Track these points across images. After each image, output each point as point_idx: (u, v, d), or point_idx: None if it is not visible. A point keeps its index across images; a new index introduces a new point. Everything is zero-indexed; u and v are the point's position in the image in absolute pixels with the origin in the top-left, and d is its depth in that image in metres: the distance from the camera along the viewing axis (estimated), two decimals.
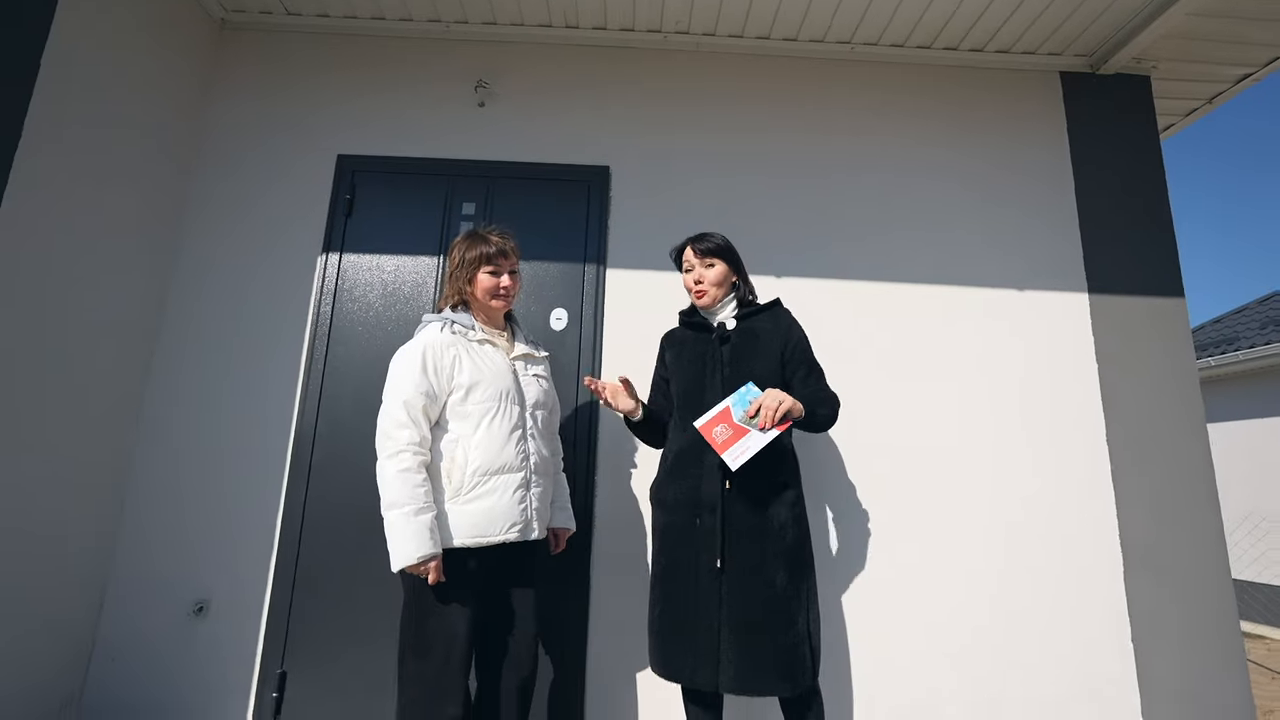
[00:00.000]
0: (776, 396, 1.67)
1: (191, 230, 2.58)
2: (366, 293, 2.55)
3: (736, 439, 1.66)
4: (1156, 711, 2.29)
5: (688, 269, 1.97)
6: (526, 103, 2.75)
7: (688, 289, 1.98)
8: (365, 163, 2.67)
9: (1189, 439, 2.51)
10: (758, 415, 1.66)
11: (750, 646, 1.65)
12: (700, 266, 1.94)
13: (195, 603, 2.28)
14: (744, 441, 1.66)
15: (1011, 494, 2.45)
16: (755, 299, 2.01)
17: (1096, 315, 2.62)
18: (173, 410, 2.42)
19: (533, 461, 1.75)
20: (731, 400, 1.71)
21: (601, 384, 1.89)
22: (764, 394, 1.69)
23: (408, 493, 1.60)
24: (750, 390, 1.72)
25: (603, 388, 1.89)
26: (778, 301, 2.01)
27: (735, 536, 1.72)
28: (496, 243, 1.83)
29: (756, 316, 1.94)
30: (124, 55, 2.27)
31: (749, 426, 1.67)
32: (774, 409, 1.65)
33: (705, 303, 1.95)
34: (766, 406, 1.65)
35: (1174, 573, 2.40)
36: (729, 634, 1.67)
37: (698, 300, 1.96)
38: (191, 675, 2.24)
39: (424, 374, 1.69)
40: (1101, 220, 2.71)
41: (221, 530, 2.34)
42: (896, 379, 2.54)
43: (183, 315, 2.51)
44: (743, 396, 1.71)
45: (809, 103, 2.80)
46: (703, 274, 1.93)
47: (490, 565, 1.68)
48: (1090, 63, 2.85)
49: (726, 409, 1.70)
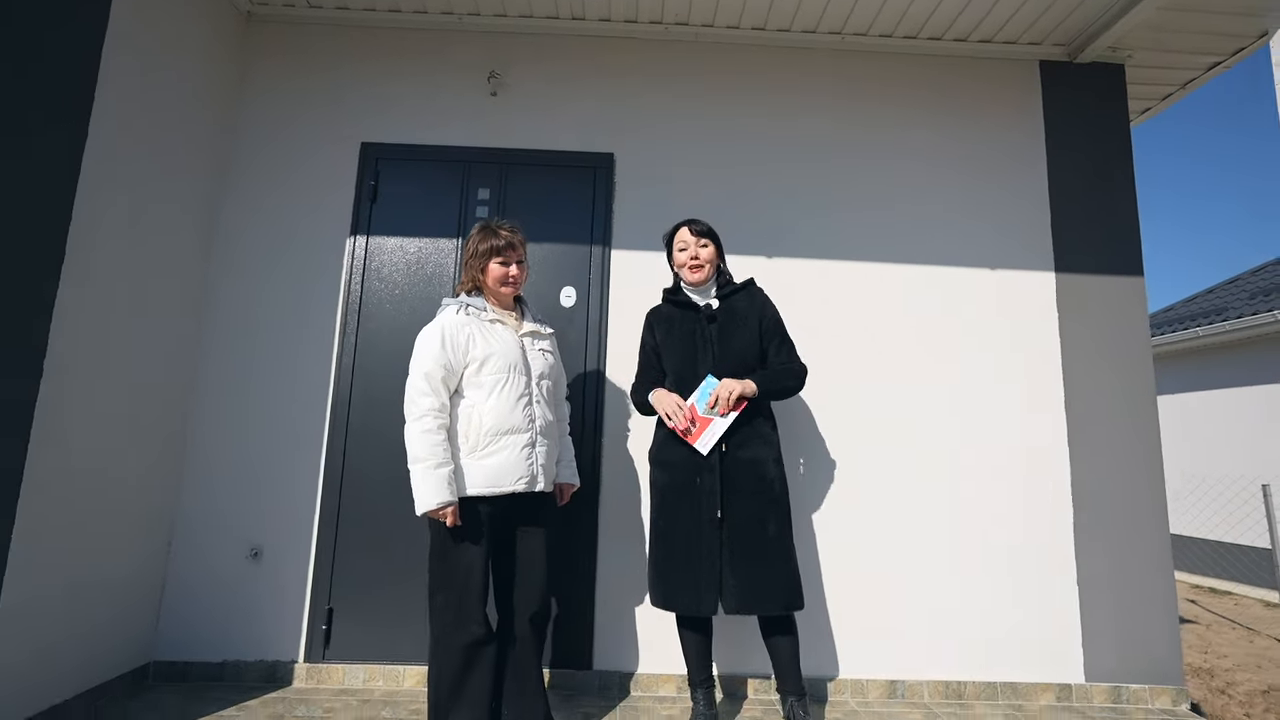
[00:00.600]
0: (728, 386, 2.04)
1: (229, 215, 2.81)
2: (392, 273, 2.79)
3: (704, 429, 2.05)
4: (1094, 643, 2.60)
5: (682, 248, 2.22)
6: (536, 92, 2.94)
7: (680, 266, 2.23)
8: (387, 150, 2.87)
9: (1139, 406, 2.76)
10: (715, 404, 2.02)
11: (752, 578, 2.00)
12: (695, 245, 2.19)
13: (251, 548, 2.60)
14: (710, 429, 2.04)
15: (975, 452, 2.72)
16: (731, 278, 2.28)
17: (1062, 292, 2.84)
18: (222, 381, 2.69)
19: (538, 424, 2.02)
20: (694, 398, 2.07)
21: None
22: (718, 385, 2.03)
23: (429, 450, 1.87)
24: (709, 383, 2.06)
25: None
26: (751, 281, 2.28)
27: (731, 492, 2.05)
28: (506, 236, 2.06)
29: (735, 295, 2.22)
30: (164, 44, 2.46)
31: (712, 416, 2.04)
32: (727, 398, 2.02)
33: (700, 278, 2.19)
34: (720, 397, 2.02)
35: (1117, 523, 2.68)
36: (731, 570, 2.01)
37: (693, 275, 2.20)
38: (250, 612, 2.56)
39: (442, 350, 1.95)
40: (1071, 204, 2.91)
41: (270, 485, 2.64)
42: (876, 349, 2.79)
43: (226, 294, 2.75)
44: (704, 392, 2.06)
45: (802, 91, 2.98)
46: (698, 252, 2.19)
47: (502, 512, 1.96)
48: (1068, 52, 3.00)
49: (692, 406, 2.06)
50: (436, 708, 1.87)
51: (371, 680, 2.52)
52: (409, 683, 2.52)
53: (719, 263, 2.24)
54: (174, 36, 2.51)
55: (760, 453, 2.09)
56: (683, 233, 2.23)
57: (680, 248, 2.23)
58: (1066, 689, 2.57)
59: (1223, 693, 4.05)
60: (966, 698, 2.56)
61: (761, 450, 2.09)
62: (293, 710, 2.28)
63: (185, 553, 2.59)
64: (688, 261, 2.20)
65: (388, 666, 2.53)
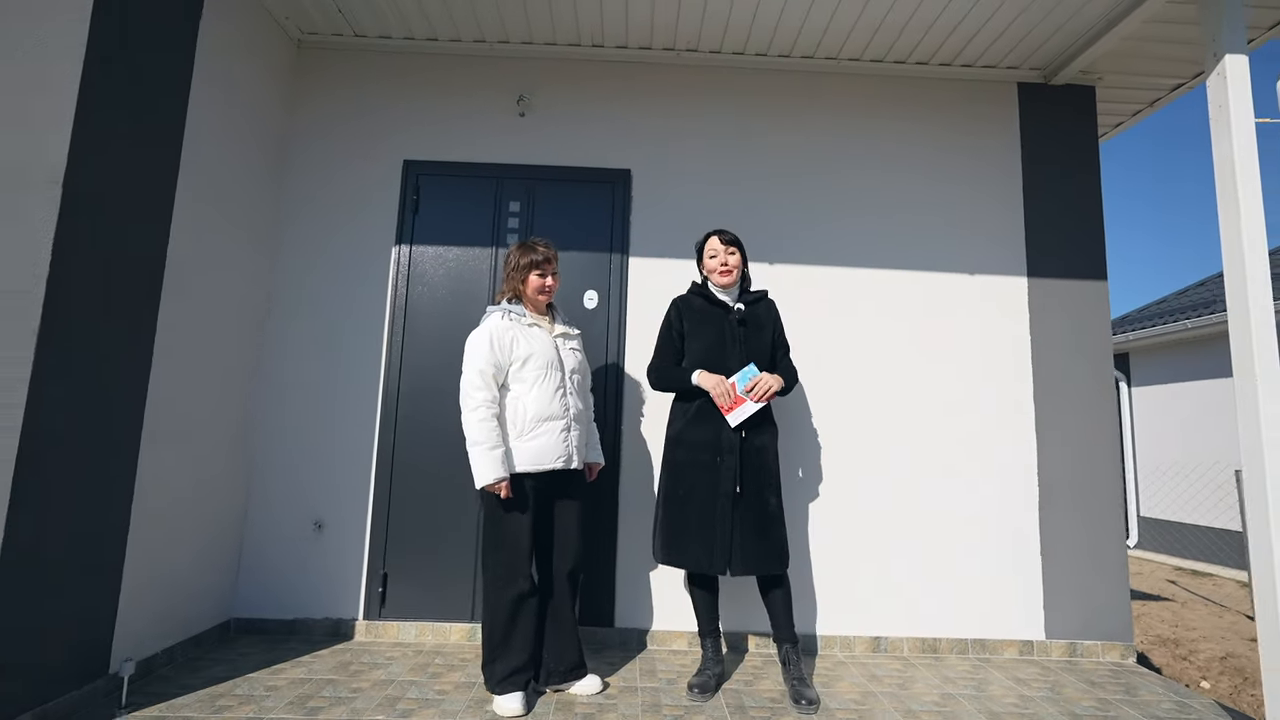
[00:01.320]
0: (769, 380, 2.40)
1: (287, 227, 3.14)
2: (433, 278, 3.13)
3: (737, 405, 2.40)
4: (1054, 606, 2.96)
5: (713, 255, 2.56)
6: (560, 113, 3.25)
7: (711, 271, 2.56)
8: (427, 166, 3.20)
9: (1100, 396, 3.10)
10: (752, 389, 2.38)
11: (759, 544, 2.37)
12: (725, 253, 2.54)
13: (315, 521, 2.97)
14: (741, 408, 2.40)
15: (953, 437, 3.07)
16: (751, 284, 2.64)
17: (1033, 294, 3.17)
18: (287, 375, 3.05)
19: (572, 412, 2.37)
20: (737, 377, 2.42)
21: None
22: (762, 376, 2.40)
23: (485, 434, 2.23)
24: (751, 369, 2.42)
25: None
26: (766, 293, 2.65)
27: (746, 471, 2.42)
28: (543, 252, 2.41)
29: (757, 305, 2.60)
30: (234, 71, 2.79)
31: (746, 398, 2.39)
32: (766, 389, 2.40)
33: (729, 282, 2.54)
34: (761, 386, 2.40)
35: (1078, 501, 3.03)
36: (741, 536, 2.37)
37: (724, 279, 2.54)
38: (316, 576, 2.94)
39: (492, 350, 2.30)
40: (1043, 213, 3.22)
41: (330, 466, 3.00)
42: (867, 346, 3.13)
43: (288, 297, 3.10)
44: (744, 375, 2.42)
45: (801, 111, 3.29)
46: (727, 259, 2.54)
47: (543, 486, 2.33)
48: (1044, 75, 3.30)
49: (733, 384, 2.41)
50: (490, 650, 2.24)
51: (422, 636, 2.90)
52: (455, 638, 2.90)
53: (743, 268, 2.58)
54: (240, 64, 2.83)
55: (768, 442, 2.48)
56: (713, 241, 2.57)
57: (711, 254, 2.56)
58: (1029, 644, 2.93)
59: (1185, 659, 4.42)
60: (941, 652, 2.92)
61: (769, 440, 2.48)
62: (358, 659, 2.66)
63: (258, 525, 2.96)
64: (718, 267, 2.53)
65: (436, 624, 2.91)
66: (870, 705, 2.35)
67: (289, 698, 2.25)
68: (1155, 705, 2.43)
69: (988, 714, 2.30)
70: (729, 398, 2.39)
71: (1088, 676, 2.72)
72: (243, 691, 2.29)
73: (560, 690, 2.36)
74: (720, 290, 2.57)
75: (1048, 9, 2.83)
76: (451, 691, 2.35)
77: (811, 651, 2.90)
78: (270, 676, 2.44)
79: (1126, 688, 2.60)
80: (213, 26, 2.61)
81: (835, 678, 2.61)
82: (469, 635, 2.88)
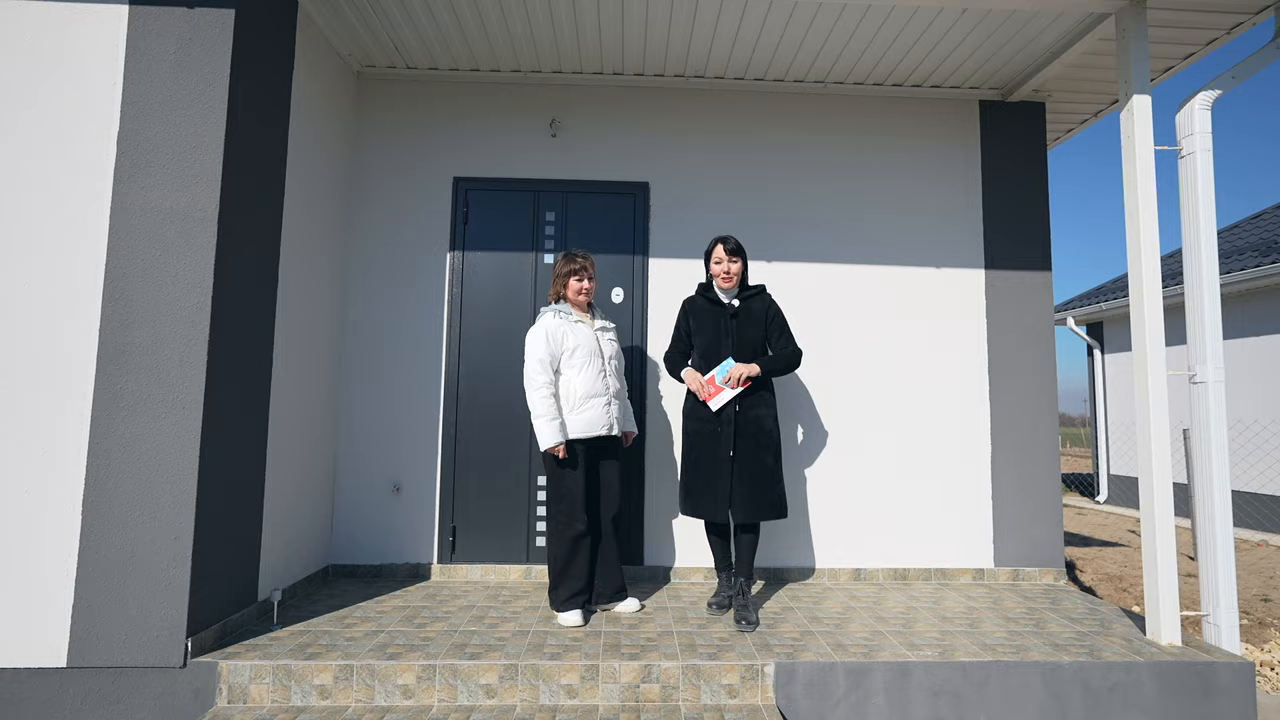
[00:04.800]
0: (740, 370, 2.90)
1: (354, 240, 3.68)
2: (483, 279, 3.69)
3: (717, 394, 2.93)
4: (1001, 539, 3.63)
5: (717, 261, 3.04)
6: (587, 132, 3.77)
7: (716, 275, 3.05)
8: (474, 182, 3.73)
9: (1041, 367, 3.72)
10: (730, 379, 2.91)
11: (754, 495, 2.90)
12: (728, 261, 3.02)
13: (394, 484, 3.58)
14: (721, 395, 2.92)
15: (921, 401, 3.69)
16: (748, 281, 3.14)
17: (989, 284, 3.76)
18: (361, 365, 3.62)
19: (611, 390, 2.97)
20: (716, 371, 2.96)
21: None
22: (736, 367, 2.91)
23: (546, 408, 2.83)
24: (728, 363, 2.94)
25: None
26: (763, 287, 3.14)
27: (741, 438, 2.94)
28: (580, 261, 2.98)
29: (752, 299, 3.09)
30: (313, 108, 3.30)
31: (724, 386, 2.92)
32: (738, 377, 2.90)
33: (729, 286, 3.04)
34: (734, 376, 2.90)
35: (1022, 454, 3.67)
36: (740, 490, 2.90)
37: (725, 283, 3.03)
38: (397, 529, 3.56)
39: (547, 343, 2.89)
40: (999, 214, 3.80)
41: (405, 438, 3.60)
42: (851, 328, 3.73)
43: (359, 300, 3.66)
44: (723, 368, 2.95)
45: (794, 128, 3.82)
46: (730, 267, 3.02)
47: (591, 449, 2.94)
48: (1002, 93, 3.83)
49: (712, 376, 2.95)
50: (555, 577, 2.88)
51: (487, 575, 3.54)
52: (513, 577, 3.54)
53: (744, 272, 3.07)
54: (317, 101, 3.34)
55: (762, 413, 2.98)
56: (718, 250, 3.03)
57: (716, 261, 3.04)
58: (980, 572, 3.61)
59: (1124, 590, 5.15)
60: (909, 579, 3.59)
61: (763, 411, 2.99)
62: (440, 592, 3.30)
63: (347, 489, 3.57)
64: (721, 274, 3.03)
65: (498, 566, 3.55)
66: (849, 615, 3.01)
67: (398, 618, 2.89)
68: (1072, 610, 3.11)
69: (939, 618, 2.97)
70: (704, 390, 2.93)
71: (1024, 593, 3.40)
72: (360, 614, 2.93)
73: (607, 609, 3.00)
74: (722, 292, 3.07)
75: (1009, 36, 3.33)
76: (523, 612, 2.99)
77: (803, 579, 3.57)
78: (376, 605, 3.07)
79: (1053, 601, 3.28)
80: (301, 71, 3.12)
81: (823, 598, 3.28)
82: (525, 574, 3.53)
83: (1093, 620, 2.96)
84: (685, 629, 2.79)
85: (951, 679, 2.41)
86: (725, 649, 2.55)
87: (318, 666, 2.37)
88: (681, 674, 2.40)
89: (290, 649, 2.50)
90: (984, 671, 2.42)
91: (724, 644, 2.61)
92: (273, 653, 2.46)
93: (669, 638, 2.68)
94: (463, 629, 2.75)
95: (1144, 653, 2.55)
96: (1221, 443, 2.66)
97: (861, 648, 2.57)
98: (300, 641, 2.58)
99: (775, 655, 2.48)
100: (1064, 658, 2.48)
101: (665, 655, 2.48)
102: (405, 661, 2.40)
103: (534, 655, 2.47)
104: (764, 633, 2.76)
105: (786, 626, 2.84)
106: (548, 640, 2.63)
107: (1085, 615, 3.04)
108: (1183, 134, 2.85)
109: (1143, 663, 2.46)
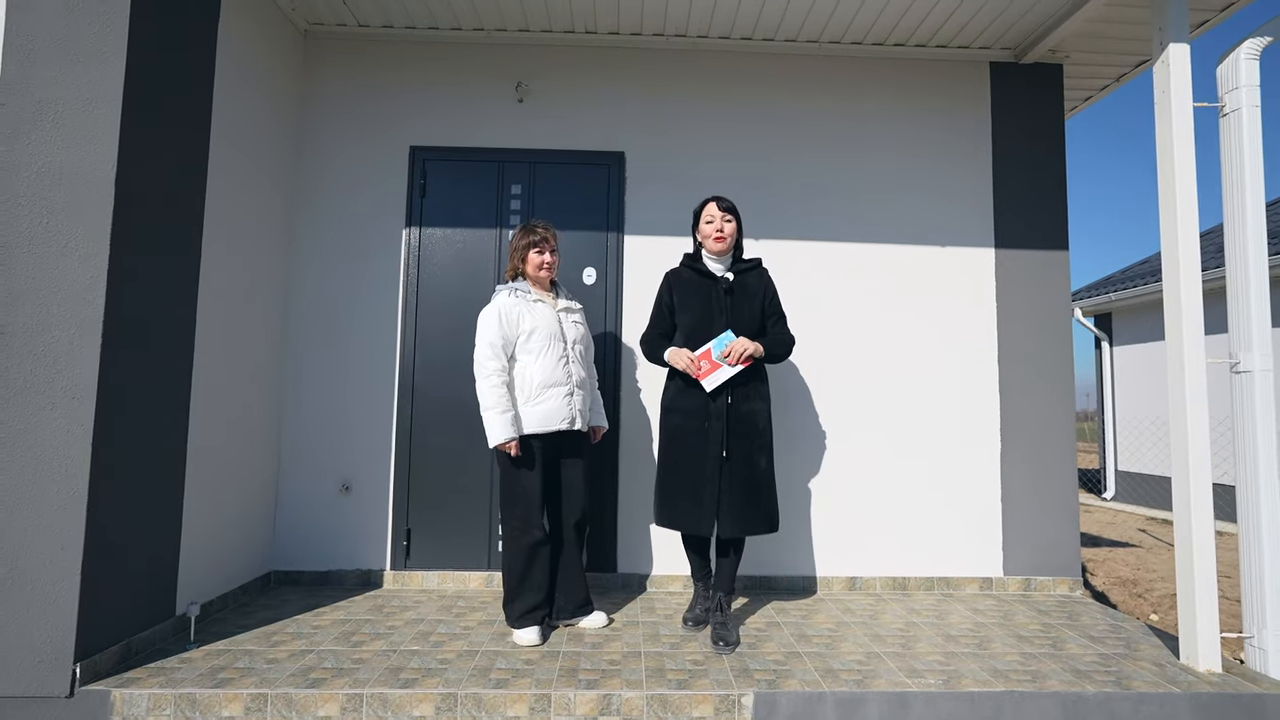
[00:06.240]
0: (743, 344, 2.49)
1: (301, 212, 3.35)
2: (442, 258, 3.35)
3: (713, 370, 2.53)
4: (1011, 545, 3.29)
5: (709, 220, 2.61)
6: (557, 98, 3.43)
7: (706, 237, 2.62)
8: (432, 152, 3.39)
9: (1058, 356, 3.38)
10: (728, 354, 2.50)
11: (746, 506, 2.52)
12: (721, 219, 2.61)
13: (342, 483, 3.26)
14: (717, 373, 2.53)
15: (923, 395, 3.35)
16: (743, 253, 2.74)
17: (1000, 264, 3.41)
18: (310, 351, 3.29)
19: (574, 379, 2.63)
20: (713, 344, 2.55)
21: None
22: (735, 341, 2.51)
23: (496, 400, 2.50)
24: (727, 335, 2.54)
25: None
26: (760, 261, 2.74)
27: (734, 436, 2.55)
28: (540, 232, 2.64)
29: (748, 273, 2.67)
30: (247, 58, 2.95)
31: (722, 363, 2.52)
32: (740, 353, 2.50)
33: (722, 248, 2.60)
34: (735, 351, 2.50)
35: (1034, 452, 3.33)
36: (729, 499, 2.51)
37: (716, 245, 2.59)
38: (346, 532, 3.24)
39: (500, 325, 2.55)
40: (1010, 188, 3.44)
41: (353, 433, 3.27)
42: (846, 314, 3.38)
43: (306, 279, 3.32)
44: (721, 341, 2.54)
45: (784, 95, 3.47)
46: (723, 225, 2.60)
47: (551, 446, 2.60)
48: (1014, 54, 3.47)
49: (708, 350, 2.55)
50: (510, 590, 2.55)
51: (444, 583, 3.22)
52: (473, 584, 3.22)
53: (738, 237, 2.66)
54: (253, 57, 3.00)
55: (757, 406, 2.60)
56: (710, 207, 2.63)
57: (707, 220, 2.62)
58: (988, 581, 3.28)
59: (1140, 596, 4.82)
60: (910, 589, 3.27)
61: (759, 404, 2.60)
62: (389, 603, 2.98)
63: (291, 488, 3.25)
64: (713, 233, 2.57)
65: (456, 572, 3.23)
66: (842, 633, 2.68)
67: (334, 634, 2.57)
68: (1092, 628, 2.78)
69: (943, 637, 2.64)
70: (696, 367, 2.49)
71: (1037, 606, 3.07)
72: (292, 630, 2.61)
73: (571, 625, 2.68)
74: (712, 259, 2.64)
75: None
76: (476, 627, 2.67)
77: (797, 590, 3.24)
78: (314, 618, 2.75)
79: (1070, 615, 2.95)
80: (229, 23, 2.78)
81: (814, 611, 2.95)
82: (486, 581, 3.21)
83: (1116, 640, 2.63)
84: (655, 649, 2.47)
85: (957, 712, 2.08)
86: (698, 675, 2.23)
87: (227, 696, 2.06)
88: (646, 705, 2.08)
89: (201, 673, 2.19)
90: (995, 704, 2.09)
91: (698, 668, 2.29)
92: (179, 678, 2.14)
93: (636, 660, 2.36)
94: (404, 648, 2.43)
95: (1179, 681, 2.22)
96: (1270, 440, 2.32)
97: (854, 674, 2.25)
98: (215, 664, 2.27)
99: (755, 683, 2.16)
100: (1087, 687, 2.15)
101: (629, 683, 2.16)
102: (328, 690, 2.08)
103: (478, 682, 2.15)
104: (744, 654, 2.43)
105: (770, 647, 2.51)
106: (497, 663, 2.31)
107: (1108, 633, 2.71)
108: (1225, 88, 2.50)
109: (1179, 694, 2.13)
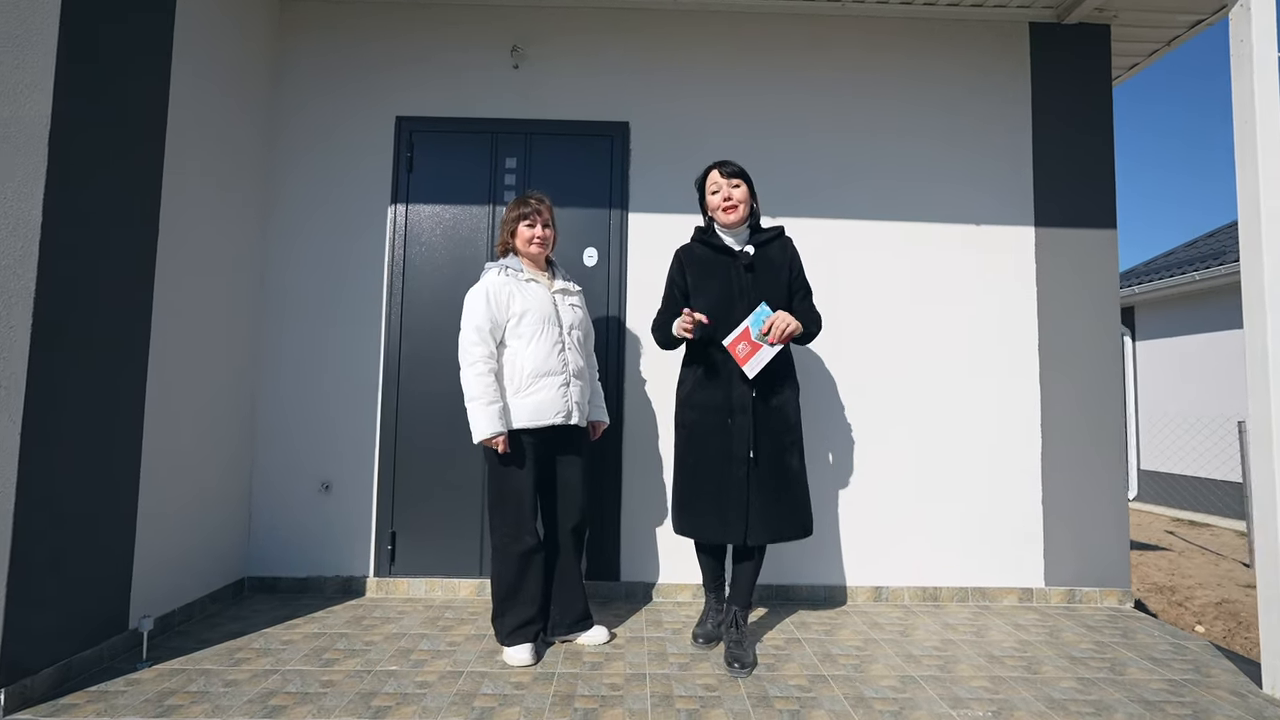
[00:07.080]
0: (786, 319, 2.14)
1: (278, 188, 3.08)
2: (431, 238, 3.08)
3: (753, 353, 2.16)
4: (1054, 553, 3.00)
5: (714, 190, 2.31)
6: (555, 64, 3.14)
7: (714, 209, 2.31)
8: (420, 123, 3.11)
9: (1104, 347, 3.07)
10: (768, 332, 2.15)
11: (778, 511, 2.23)
12: (728, 186, 2.30)
13: (322, 482, 2.99)
14: (759, 355, 2.16)
15: (957, 388, 3.05)
16: (761, 221, 2.40)
17: (1040, 244, 3.11)
18: (282, 341, 3.03)
19: (571, 368, 2.35)
20: (749, 321, 2.16)
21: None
22: (775, 315, 2.15)
23: (481, 389, 2.22)
24: (764, 310, 2.16)
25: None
26: (783, 230, 2.41)
27: (762, 432, 2.25)
28: (533, 204, 2.37)
29: (769, 245, 2.34)
30: (213, 28, 2.69)
31: (762, 342, 2.16)
32: (784, 329, 2.14)
33: (734, 219, 2.27)
34: (778, 327, 2.13)
35: (1079, 452, 3.03)
36: (759, 503, 2.21)
37: (728, 216, 2.27)
38: (326, 536, 2.98)
39: (488, 307, 2.28)
40: (1052, 161, 3.13)
41: (334, 428, 3.01)
42: (876, 300, 3.09)
43: (280, 263, 3.06)
44: (758, 317, 2.15)
45: (801, 59, 3.17)
46: (731, 193, 2.28)
47: (544, 443, 2.33)
48: (1057, 13, 3.16)
49: (746, 329, 2.17)
50: (499, 603, 2.28)
51: (432, 591, 2.96)
52: (464, 593, 2.95)
53: (752, 203, 2.33)
54: (221, 22, 2.73)
55: (787, 396, 2.29)
56: (714, 175, 2.31)
57: (713, 190, 2.31)
58: (1028, 592, 2.98)
59: (1180, 605, 4.50)
60: (941, 600, 2.97)
61: (788, 395, 2.30)
62: (370, 614, 2.72)
63: (266, 487, 2.99)
64: (721, 204, 2.28)
65: (445, 579, 2.96)
66: (871, 652, 2.40)
67: (304, 650, 2.31)
68: (1152, 647, 2.48)
69: (986, 657, 2.35)
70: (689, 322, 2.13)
71: (1085, 621, 2.77)
72: (259, 645, 2.35)
73: (568, 641, 2.41)
74: (726, 232, 2.32)
75: None
76: (463, 643, 2.40)
77: (818, 601, 2.95)
78: (285, 631, 2.49)
79: (1124, 631, 2.65)
80: None
81: (838, 626, 2.67)
82: (478, 590, 2.94)
83: (1183, 662, 2.34)
84: (662, 670, 2.19)
85: None
86: (710, 703, 1.95)
87: None
88: None
89: (147, 698, 1.93)
90: None
91: (709, 694, 2.01)
92: (121, 705, 1.89)
93: (640, 683, 2.08)
94: (380, 668, 2.17)
95: (1267, 715, 1.92)
96: None
97: (890, 703, 1.97)
98: (165, 687, 2.01)
99: (777, 714, 1.88)
100: None
101: (631, 712, 1.89)
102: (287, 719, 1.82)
103: (459, 711, 1.88)
104: (762, 677, 2.15)
105: (791, 668, 2.23)
106: (482, 687, 2.04)
107: (1171, 655, 2.41)
108: None
109: None
